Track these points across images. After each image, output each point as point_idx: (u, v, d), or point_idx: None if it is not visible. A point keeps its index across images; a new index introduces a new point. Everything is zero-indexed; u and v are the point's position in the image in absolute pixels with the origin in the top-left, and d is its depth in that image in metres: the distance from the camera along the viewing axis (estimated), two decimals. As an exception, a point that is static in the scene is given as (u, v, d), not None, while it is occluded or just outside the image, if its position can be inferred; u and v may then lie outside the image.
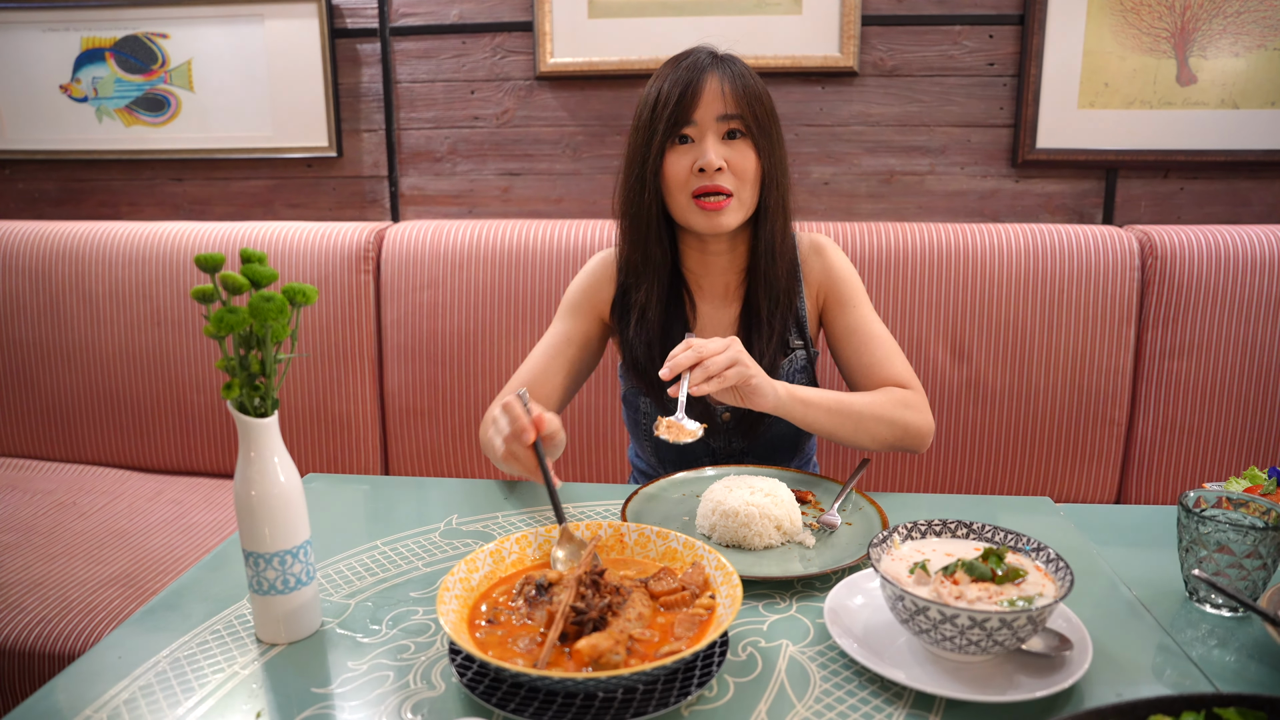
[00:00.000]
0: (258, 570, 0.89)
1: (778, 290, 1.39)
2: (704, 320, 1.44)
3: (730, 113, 1.29)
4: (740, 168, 1.30)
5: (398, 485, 1.38)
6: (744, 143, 1.31)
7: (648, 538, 1.00)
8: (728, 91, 1.29)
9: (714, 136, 1.29)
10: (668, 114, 1.29)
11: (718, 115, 1.29)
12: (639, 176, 1.34)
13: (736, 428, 1.42)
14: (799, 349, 1.43)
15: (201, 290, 0.84)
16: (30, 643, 1.47)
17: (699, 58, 1.31)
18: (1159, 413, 1.91)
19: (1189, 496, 0.98)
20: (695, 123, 1.29)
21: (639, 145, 1.33)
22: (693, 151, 1.30)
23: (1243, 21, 1.98)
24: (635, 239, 1.38)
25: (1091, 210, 2.14)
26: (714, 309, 1.44)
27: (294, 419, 2.08)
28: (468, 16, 2.18)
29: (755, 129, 1.30)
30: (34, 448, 2.22)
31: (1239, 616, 0.95)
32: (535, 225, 2.01)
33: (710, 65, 1.30)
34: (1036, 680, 0.80)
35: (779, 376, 1.40)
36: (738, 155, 1.30)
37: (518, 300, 1.98)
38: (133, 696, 0.82)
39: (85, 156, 2.36)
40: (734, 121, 1.29)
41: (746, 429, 1.41)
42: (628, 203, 1.37)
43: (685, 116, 1.29)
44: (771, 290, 1.38)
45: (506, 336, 1.99)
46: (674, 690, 0.80)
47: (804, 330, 1.44)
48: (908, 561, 0.89)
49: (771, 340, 1.38)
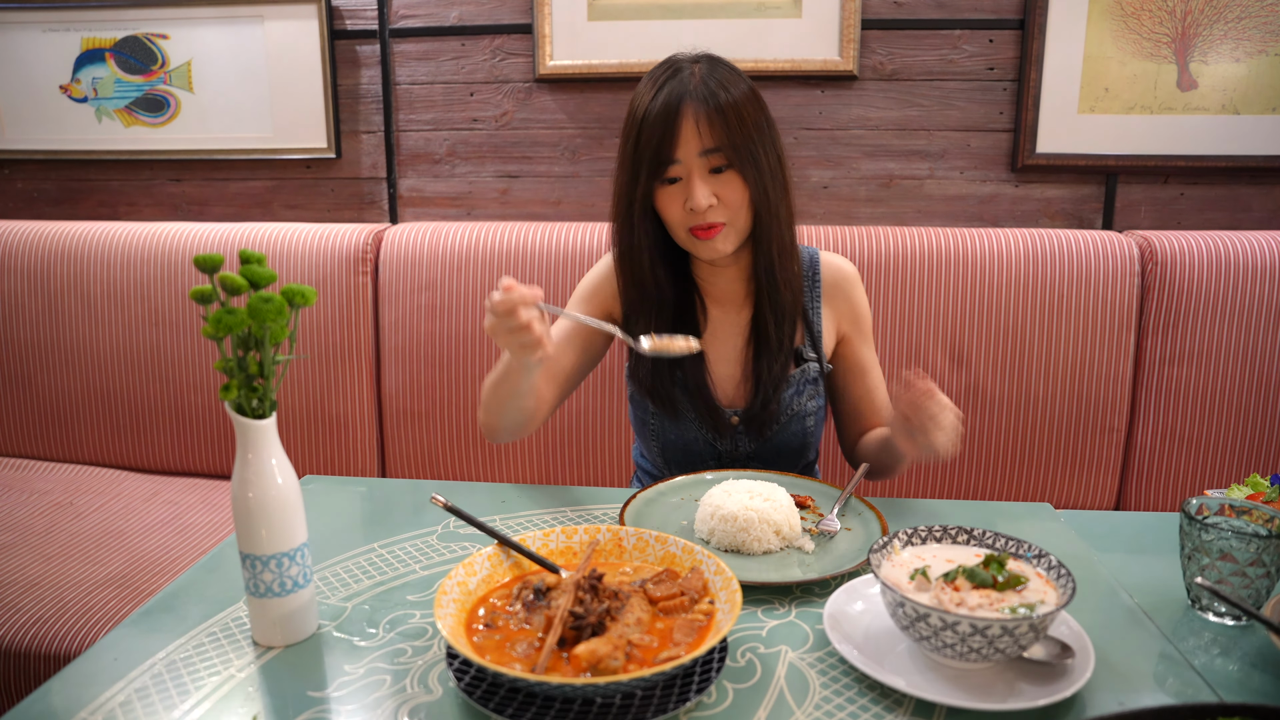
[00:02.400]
0: (254, 572, 0.88)
1: (784, 302, 1.37)
2: (715, 325, 1.43)
3: (709, 147, 1.25)
4: (730, 200, 1.28)
5: (395, 487, 1.38)
6: (730, 174, 1.27)
7: (646, 542, 0.99)
8: (704, 126, 1.24)
9: (699, 173, 1.26)
10: (649, 157, 1.26)
11: (699, 151, 1.25)
12: (627, 216, 1.32)
13: (745, 431, 1.41)
14: (812, 361, 1.42)
15: (200, 291, 0.84)
16: (26, 644, 1.46)
17: (674, 86, 1.25)
18: (1159, 419, 1.91)
19: (1191, 504, 0.98)
20: (679, 161, 1.26)
21: (625, 182, 1.31)
22: (682, 191, 1.28)
23: (1243, 27, 1.98)
24: (629, 279, 1.38)
25: (1091, 215, 2.14)
26: (725, 314, 1.43)
27: (291, 420, 2.07)
28: (467, 18, 2.18)
29: (738, 158, 1.26)
30: (31, 447, 2.21)
31: (1242, 625, 0.94)
32: (534, 228, 2.01)
33: (686, 95, 1.25)
34: (1038, 688, 0.80)
35: (790, 386, 1.40)
36: (726, 188, 1.27)
37: (517, 303, 1.97)
38: (128, 699, 0.81)
39: (84, 157, 2.35)
40: (715, 156, 1.26)
41: (755, 432, 1.41)
42: (619, 240, 1.36)
43: (668, 155, 1.26)
44: (778, 302, 1.37)
45: (505, 339, 1.98)
46: (673, 696, 0.79)
47: (818, 344, 1.43)
48: (908, 567, 0.89)
49: (781, 350, 1.38)
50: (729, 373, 1.42)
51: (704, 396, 1.39)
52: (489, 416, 1.30)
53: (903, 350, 1.91)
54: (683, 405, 1.40)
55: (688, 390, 1.39)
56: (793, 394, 1.40)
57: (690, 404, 1.40)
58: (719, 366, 1.41)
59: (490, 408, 1.28)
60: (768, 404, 1.38)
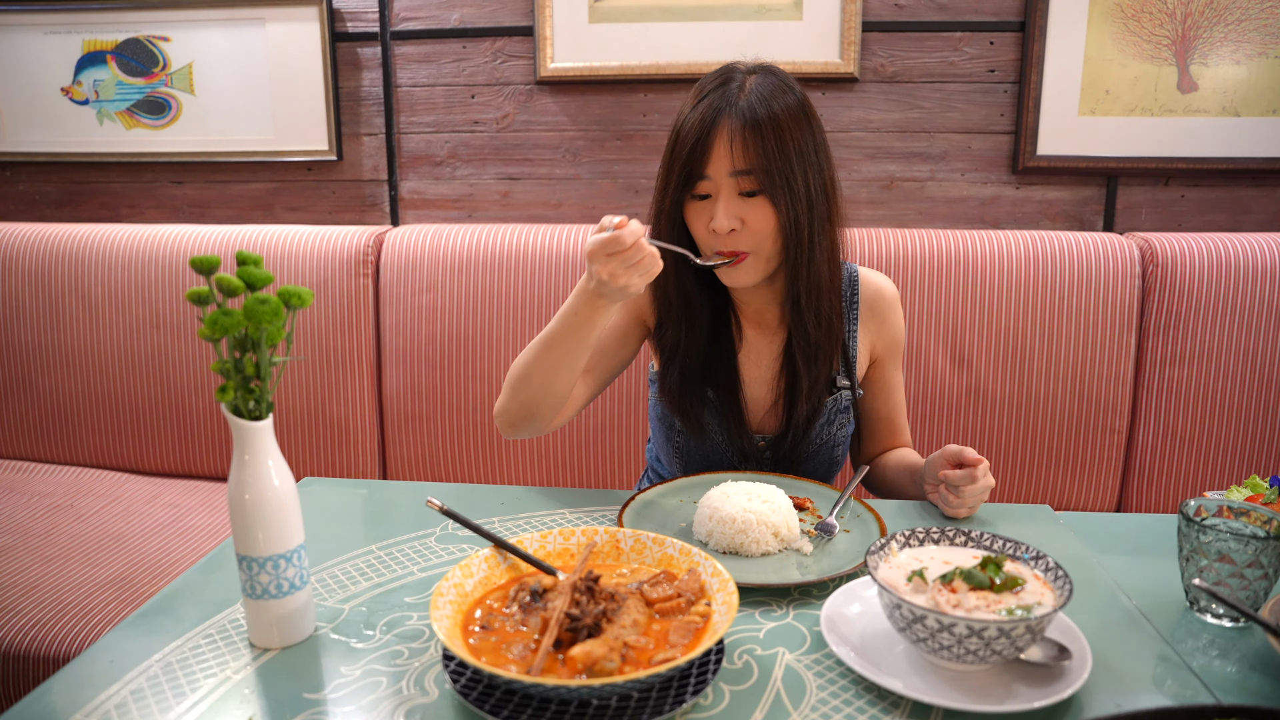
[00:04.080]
0: (251, 574, 0.88)
1: (822, 333, 1.31)
2: (749, 346, 1.38)
3: (741, 169, 1.19)
4: (757, 227, 1.22)
5: (394, 489, 1.38)
6: (761, 200, 1.21)
7: (644, 544, 0.99)
8: (738, 145, 1.18)
9: (728, 194, 1.20)
10: (680, 167, 1.22)
11: (729, 171, 1.19)
12: (656, 225, 1.29)
13: (772, 460, 1.38)
14: (845, 389, 1.38)
15: (197, 292, 0.84)
16: (25, 646, 1.46)
17: (716, 99, 1.20)
18: (1160, 421, 1.91)
19: (1189, 505, 0.97)
20: (709, 177, 1.21)
21: (659, 190, 1.27)
22: (709, 208, 1.22)
23: (1244, 29, 1.98)
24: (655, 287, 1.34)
25: (1092, 217, 2.14)
26: (760, 336, 1.39)
27: (293, 422, 2.08)
28: (468, 21, 2.18)
29: (771, 183, 1.19)
30: (32, 450, 2.21)
31: (1240, 627, 0.94)
32: (535, 230, 2.01)
33: (725, 110, 1.19)
34: (1035, 690, 0.79)
35: (823, 415, 1.36)
36: (754, 214, 1.21)
37: (517, 305, 1.98)
38: (124, 701, 0.81)
39: (86, 159, 2.36)
40: (746, 179, 1.20)
41: (781, 463, 1.37)
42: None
43: (698, 170, 1.21)
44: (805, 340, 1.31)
45: (506, 341, 1.99)
46: (669, 698, 0.79)
47: (852, 370, 1.38)
48: (905, 569, 0.88)
49: (817, 382, 1.33)
50: (761, 396, 1.38)
51: (735, 421, 1.35)
52: (521, 396, 1.24)
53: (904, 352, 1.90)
54: (711, 427, 1.36)
55: (718, 413, 1.35)
56: (824, 424, 1.36)
57: (719, 426, 1.36)
58: (752, 389, 1.37)
59: (529, 384, 1.23)
60: (799, 441, 1.34)
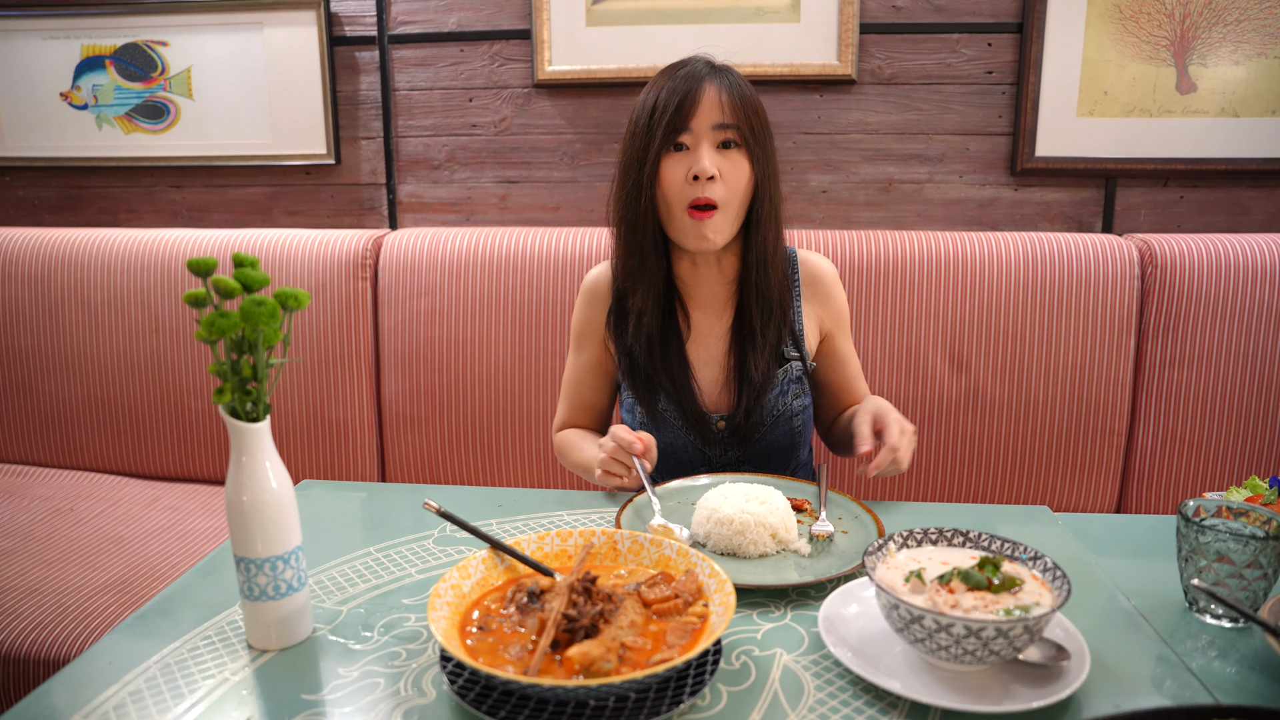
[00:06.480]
0: (249, 576, 0.88)
1: (770, 302, 1.39)
2: (697, 330, 1.44)
3: (726, 121, 1.29)
4: (733, 178, 1.30)
5: (392, 492, 1.38)
6: (738, 153, 1.31)
7: (641, 545, 0.99)
8: (725, 101, 1.29)
9: (709, 145, 1.29)
10: (665, 121, 1.29)
11: (714, 124, 1.29)
12: (635, 183, 1.33)
13: (731, 437, 1.42)
14: (795, 360, 1.42)
15: (194, 294, 0.84)
16: (25, 648, 1.46)
17: (696, 67, 1.32)
18: (1159, 423, 1.91)
19: (1188, 505, 0.97)
20: (691, 130, 1.29)
21: (635, 151, 1.33)
22: (687, 159, 1.30)
23: (1242, 30, 1.98)
24: (631, 245, 1.38)
25: (1091, 219, 2.14)
26: (707, 319, 1.44)
27: (292, 426, 2.08)
28: (466, 24, 2.19)
29: (750, 139, 1.31)
30: (32, 454, 2.21)
31: (1239, 627, 0.94)
32: (532, 233, 2.01)
33: (708, 74, 1.31)
34: (1033, 691, 0.79)
35: (775, 386, 1.40)
36: (731, 165, 1.30)
37: (515, 308, 1.98)
38: (122, 703, 0.81)
39: (85, 164, 2.36)
40: (729, 131, 1.30)
41: (741, 439, 1.41)
42: (624, 209, 1.37)
43: (682, 124, 1.29)
44: (764, 302, 1.39)
45: (504, 344, 1.99)
46: (666, 699, 0.79)
47: (800, 343, 1.44)
48: (903, 570, 0.88)
49: (765, 352, 1.39)
50: (713, 376, 1.43)
51: (689, 404, 1.39)
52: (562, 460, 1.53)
53: (902, 354, 1.91)
54: (669, 413, 1.41)
55: (673, 398, 1.39)
56: (777, 394, 1.40)
57: (676, 412, 1.40)
58: (703, 371, 1.42)
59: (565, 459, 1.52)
60: (751, 411, 1.38)
